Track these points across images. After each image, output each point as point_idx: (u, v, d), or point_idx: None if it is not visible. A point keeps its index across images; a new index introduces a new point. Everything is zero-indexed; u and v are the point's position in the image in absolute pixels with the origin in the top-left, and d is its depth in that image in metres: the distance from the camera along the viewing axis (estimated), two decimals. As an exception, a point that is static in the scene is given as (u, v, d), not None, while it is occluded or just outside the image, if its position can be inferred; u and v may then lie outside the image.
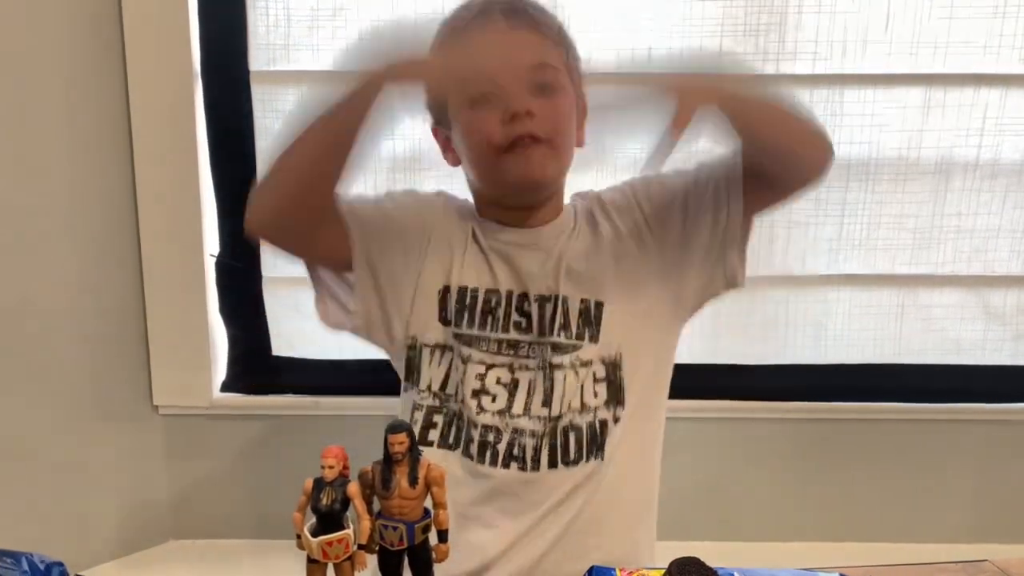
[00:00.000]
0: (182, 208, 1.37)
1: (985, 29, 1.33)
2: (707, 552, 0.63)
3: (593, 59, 1.11)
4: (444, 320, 1.00)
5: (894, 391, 1.48)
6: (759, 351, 1.46)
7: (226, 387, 1.47)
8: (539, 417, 0.98)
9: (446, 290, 1.00)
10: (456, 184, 1.06)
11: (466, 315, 0.99)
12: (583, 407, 0.98)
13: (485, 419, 0.98)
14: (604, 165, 1.30)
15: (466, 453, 0.98)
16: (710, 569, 0.60)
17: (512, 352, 0.99)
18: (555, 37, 0.97)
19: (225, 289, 1.43)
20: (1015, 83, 1.36)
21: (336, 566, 0.58)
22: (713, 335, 1.42)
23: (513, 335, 0.99)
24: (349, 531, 0.57)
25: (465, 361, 0.99)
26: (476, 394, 0.98)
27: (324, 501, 0.57)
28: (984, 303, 1.45)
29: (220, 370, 1.47)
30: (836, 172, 1.37)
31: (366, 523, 0.57)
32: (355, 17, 1.31)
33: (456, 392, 1.00)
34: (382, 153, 1.36)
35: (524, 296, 0.99)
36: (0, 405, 1.32)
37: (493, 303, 1.00)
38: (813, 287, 1.44)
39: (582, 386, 0.98)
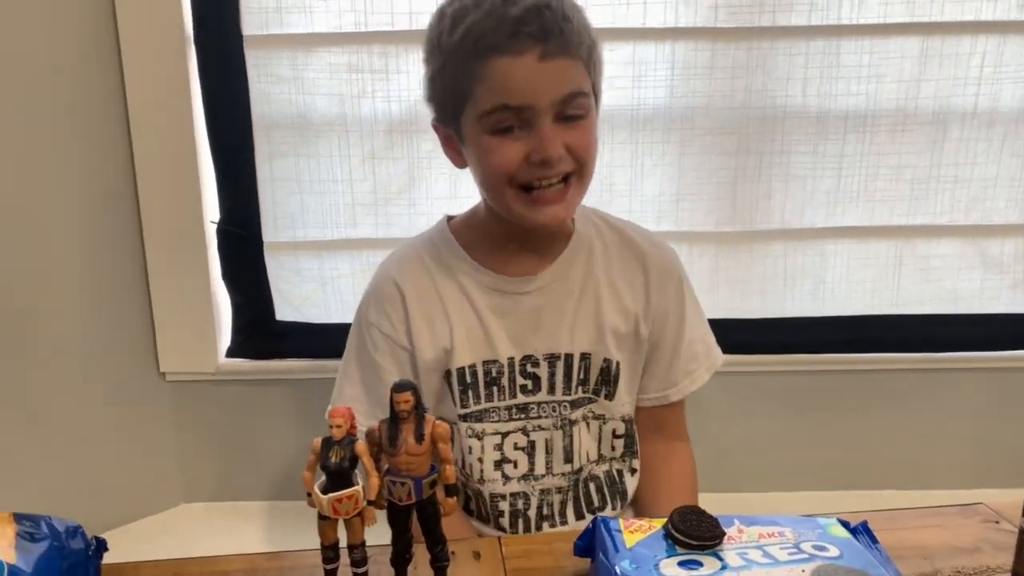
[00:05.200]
0: (180, 176, 1.37)
1: (982, -24, 1.32)
2: (709, 503, 0.65)
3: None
4: (454, 403, 0.98)
5: (892, 342, 1.49)
6: (758, 304, 1.47)
7: (231, 353, 1.48)
8: (563, 474, 0.99)
9: (447, 374, 0.97)
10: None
11: (470, 393, 0.97)
12: (600, 458, 1.01)
13: (512, 487, 0.98)
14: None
15: (497, 526, 0.99)
16: (710, 516, 0.62)
17: (523, 416, 0.97)
18: (585, 56, 0.87)
19: (227, 255, 1.43)
20: (1012, 30, 1.35)
21: (346, 522, 0.59)
22: (712, 289, 1.43)
23: (520, 399, 0.97)
24: (358, 488, 0.58)
25: (480, 437, 0.97)
26: (499, 465, 0.98)
27: (333, 459, 0.58)
28: (981, 252, 1.46)
29: (225, 336, 1.48)
30: (834, 124, 1.38)
31: (375, 480, 0.58)
32: (347, -22, 1.30)
33: (472, 471, 0.98)
34: (377, 115, 1.36)
35: (528, 358, 0.97)
36: (11, 378, 1.33)
37: (494, 373, 0.96)
38: (811, 240, 1.45)
39: (599, 439, 1.00)
